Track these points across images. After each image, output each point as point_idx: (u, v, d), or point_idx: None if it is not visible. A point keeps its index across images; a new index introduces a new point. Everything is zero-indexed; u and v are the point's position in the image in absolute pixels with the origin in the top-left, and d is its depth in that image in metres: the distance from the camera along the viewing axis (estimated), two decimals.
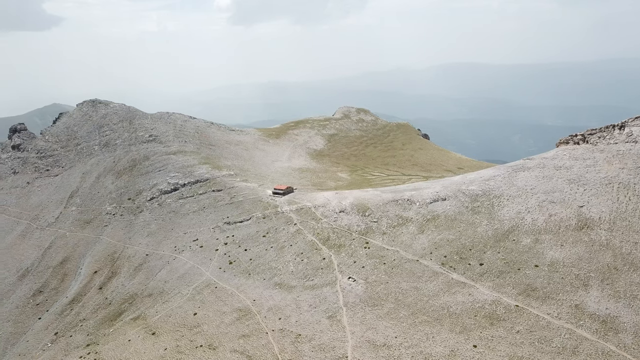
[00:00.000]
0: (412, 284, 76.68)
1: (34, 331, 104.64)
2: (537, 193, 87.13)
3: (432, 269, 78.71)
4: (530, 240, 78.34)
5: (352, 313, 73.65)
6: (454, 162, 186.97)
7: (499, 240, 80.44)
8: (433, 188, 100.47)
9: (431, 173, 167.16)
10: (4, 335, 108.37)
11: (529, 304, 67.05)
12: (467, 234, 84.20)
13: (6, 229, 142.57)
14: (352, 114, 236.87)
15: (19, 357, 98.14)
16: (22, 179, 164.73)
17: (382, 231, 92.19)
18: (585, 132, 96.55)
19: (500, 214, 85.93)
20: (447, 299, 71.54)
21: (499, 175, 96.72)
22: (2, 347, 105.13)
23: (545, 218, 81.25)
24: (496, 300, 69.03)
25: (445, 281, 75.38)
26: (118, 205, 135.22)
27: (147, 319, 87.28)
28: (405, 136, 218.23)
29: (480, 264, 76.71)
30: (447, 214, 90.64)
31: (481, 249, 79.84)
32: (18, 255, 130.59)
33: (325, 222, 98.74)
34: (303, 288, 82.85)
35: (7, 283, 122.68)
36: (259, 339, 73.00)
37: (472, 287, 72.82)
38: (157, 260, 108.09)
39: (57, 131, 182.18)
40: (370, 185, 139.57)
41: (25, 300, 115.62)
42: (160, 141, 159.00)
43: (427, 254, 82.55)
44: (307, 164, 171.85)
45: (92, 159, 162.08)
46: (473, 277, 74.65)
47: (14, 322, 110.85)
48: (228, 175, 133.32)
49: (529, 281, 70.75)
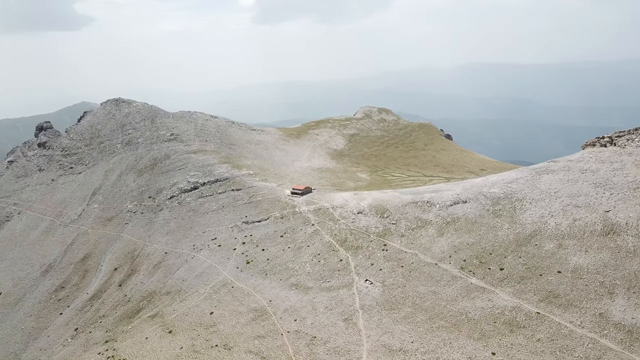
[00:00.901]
0: (430, 288, 75.25)
1: (55, 326, 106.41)
2: (561, 197, 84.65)
3: (451, 273, 77.11)
4: (554, 245, 76.06)
5: (368, 316, 72.69)
6: (476, 164, 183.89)
7: (520, 245, 78.33)
8: (453, 190, 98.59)
9: (453, 174, 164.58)
10: (26, 329, 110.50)
11: (551, 311, 65.04)
12: (488, 237, 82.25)
13: (31, 225, 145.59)
14: (374, 113, 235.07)
15: (40, 352, 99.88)
16: (47, 176, 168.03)
17: (401, 233, 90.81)
18: (613, 134, 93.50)
19: (523, 217, 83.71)
20: (465, 304, 69.96)
21: (521, 177, 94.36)
22: (25, 341, 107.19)
23: (570, 223, 78.81)
24: (516, 306, 67.17)
25: (464, 286, 73.75)
26: (139, 203, 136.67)
27: (164, 317, 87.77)
28: (427, 136, 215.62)
29: (500, 268, 74.80)
30: (468, 217, 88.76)
31: (502, 253, 77.86)
32: (42, 251, 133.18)
33: (343, 223, 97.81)
34: (319, 289, 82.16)
35: (31, 278, 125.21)
36: (274, 340, 72.65)
37: (491, 292, 71.04)
38: (175, 259, 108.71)
39: (82, 129, 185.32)
40: (390, 187, 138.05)
41: (48, 295, 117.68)
42: (181, 140, 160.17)
43: (446, 257, 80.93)
44: (327, 164, 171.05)
45: (115, 157, 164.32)
46: (493, 282, 72.82)
47: (36, 317, 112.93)
48: (247, 174, 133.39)
49: (551, 288, 68.65)
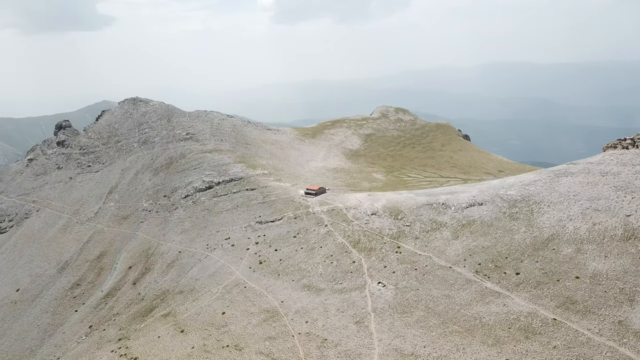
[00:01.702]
0: (444, 291, 73.89)
1: (70, 323, 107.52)
2: (580, 200, 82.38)
3: (466, 276, 75.61)
4: (572, 250, 73.98)
5: (380, 319, 71.72)
6: (494, 165, 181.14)
7: (537, 249, 76.39)
8: (469, 192, 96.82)
9: (470, 175, 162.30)
10: (42, 325, 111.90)
11: (568, 318, 63.17)
12: (504, 241, 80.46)
13: (49, 222, 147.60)
14: (391, 113, 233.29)
15: (55, 348, 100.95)
16: (66, 174, 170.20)
17: (415, 236, 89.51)
18: (635, 136, 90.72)
19: (540, 221, 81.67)
20: (480, 309, 68.47)
21: (539, 180, 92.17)
22: (40, 337, 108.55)
23: (589, 227, 76.59)
24: (532, 312, 65.44)
25: (478, 290, 72.21)
26: (154, 202, 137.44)
27: (177, 316, 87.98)
28: (444, 137, 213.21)
29: (516, 273, 73.05)
30: (484, 220, 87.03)
31: (518, 257, 76.05)
32: (59, 248, 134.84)
33: (357, 225, 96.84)
34: (331, 291, 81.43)
35: (48, 275, 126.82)
36: (285, 341, 72.17)
37: (507, 297, 69.39)
38: (189, 258, 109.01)
39: (99, 128, 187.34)
40: (406, 187, 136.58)
41: (64, 292, 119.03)
42: (196, 139, 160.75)
43: (460, 260, 79.44)
44: (342, 164, 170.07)
45: (131, 156, 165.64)
46: (508, 287, 71.13)
47: (52, 314, 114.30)
48: (262, 174, 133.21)
49: (569, 293, 66.71)
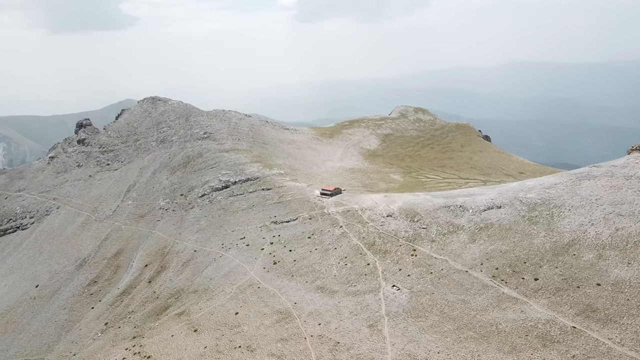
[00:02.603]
0: (460, 296, 72.37)
1: (86, 320, 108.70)
2: (603, 204, 79.85)
3: (482, 281, 73.91)
4: (593, 255, 71.69)
5: (394, 323, 70.62)
6: (515, 166, 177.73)
7: (557, 254, 74.25)
8: (488, 195, 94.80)
9: (490, 177, 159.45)
10: (59, 321, 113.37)
11: (588, 326, 61.16)
12: (523, 245, 78.44)
13: (68, 220, 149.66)
14: (410, 113, 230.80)
15: (72, 345, 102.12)
16: (85, 172, 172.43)
17: (431, 238, 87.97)
18: None
19: (560, 225, 79.40)
20: (496, 315, 66.82)
21: (560, 183, 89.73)
22: (58, 334, 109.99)
23: (611, 232, 74.16)
24: (551, 319, 63.55)
25: (495, 295, 70.50)
26: (171, 201, 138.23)
27: (190, 315, 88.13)
28: (464, 137, 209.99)
29: (535, 278, 71.10)
30: (502, 223, 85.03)
31: (537, 262, 74.01)
32: (77, 245, 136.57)
33: (372, 226, 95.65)
34: (345, 294, 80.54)
35: (66, 272, 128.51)
36: (297, 343, 71.64)
37: (524, 303, 67.57)
38: (204, 257, 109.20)
39: (119, 127, 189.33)
40: (424, 189, 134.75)
41: (81, 289, 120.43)
42: (214, 138, 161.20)
43: (477, 265, 77.70)
44: (359, 164, 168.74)
45: (149, 154, 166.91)
46: (526, 293, 69.28)
47: (69, 310, 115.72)
48: (278, 174, 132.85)
49: (589, 301, 64.61)
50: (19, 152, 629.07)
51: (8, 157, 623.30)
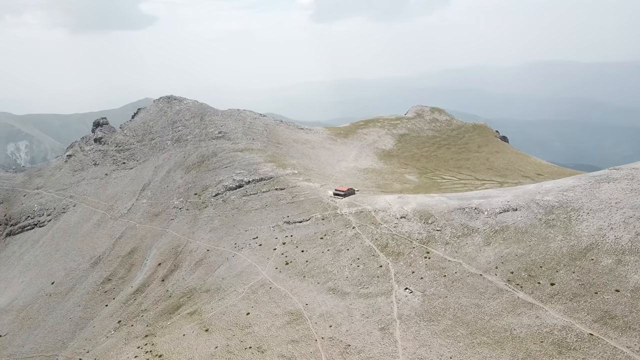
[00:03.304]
0: (473, 300, 70.93)
1: (100, 317, 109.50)
2: (622, 208, 77.62)
3: (497, 285, 72.38)
4: (612, 260, 69.65)
5: (405, 327, 69.50)
6: (532, 168, 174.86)
7: (574, 259, 72.35)
8: (504, 197, 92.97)
9: (507, 178, 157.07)
10: (74, 318, 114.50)
11: (606, 333, 59.35)
12: (539, 249, 76.63)
13: (84, 218, 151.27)
14: (426, 113, 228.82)
15: (86, 342, 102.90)
16: (101, 170, 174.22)
17: (445, 241, 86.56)
18: None
19: (578, 229, 77.40)
20: (510, 320, 65.29)
21: (579, 185, 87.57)
22: (72, 330, 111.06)
23: (631, 237, 71.97)
24: (567, 326, 61.85)
25: (510, 300, 68.92)
26: (185, 200, 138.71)
27: (202, 314, 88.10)
28: (481, 138, 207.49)
29: (551, 283, 69.36)
30: (518, 226, 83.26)
31: (553, 267, 72.21)
32: (92, 243, 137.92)
33: (385, 228, 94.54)
34: (357, 296, 79.64)
35: (81, 269, 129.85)
36: (307, 345, 71.00)
37: (540, 309, 65.92)
38: (217, 256, 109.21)
39: (135, 126, 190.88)
40: (439, 190, 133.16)
41: (96, 287, 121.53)
42: (228, 138, 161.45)
43: (492, 268, 76.15)
44: (374, 164, 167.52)
45: (164, 153, 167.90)
46: (542, 298, 67.59)
47: (84, 307, 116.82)
48: (292, 174, 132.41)
49: (608, 307, 62.71)
50: (40, 150, 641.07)
51: (30, 154, 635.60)
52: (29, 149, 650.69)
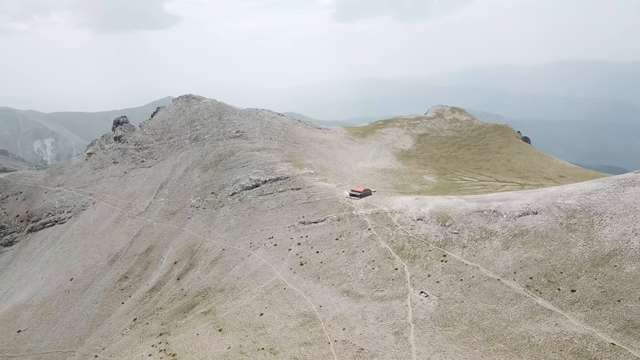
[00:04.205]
0: (491, 305, 69.13)
1: (116, 315, 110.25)
2: None
3: (515, 291, 70.40)
4: (636, 267, 67.07)
5: (420, 331, 68.06)
6: (555, 170, 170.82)
7: (596, 265, 69.93)
8: (524, 200, 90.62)
9: (528, 180, 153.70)
10: (91, 315, 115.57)
11: (629, 343, 57.11)
12: (559, 254, 74.33)
13: (103, 215, 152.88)
14: (446, 113, 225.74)
15: (102, 339, 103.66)
16: (121, 168, 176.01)
17: (463, 244, 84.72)
18: None
19: (601, 234, 74.85)
20: (529, 327, 63.38)
21: (602, 189, 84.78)
22: (89, 327, 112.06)
23: None
24: (588, 334, 59.72)
25: (528, 306, 66.95)
26: (202, 199, 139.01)
27: (216, 314, 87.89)
28: (502, 138, 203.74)
29: (572, 290, 67.14)
30: (538, 230, 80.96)
31: (574, 273, 69.93)
32: (110, 240, 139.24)
33: (401, 230, 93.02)
34: (371, 298, 78.44)
35: (99, 267, 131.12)
36: (320, 348, 70.09)
37: (560, 316, 63.85)
38: (232, 256, 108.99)
39: (154, 124, 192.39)
40: (458, 191, 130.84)
41: (113, 284, 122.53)
42: (246, 137, 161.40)
43: (510, 273, 74.15)
44: (392, 164, 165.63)
45: (182, 152, 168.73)
46: (562, 305, 65.46)
47: (100, 304, 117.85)
48: (308, 174, 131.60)
49: (631, 316, 60.37)
50: (65, 147, 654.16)
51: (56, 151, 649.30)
52: (55, 147, 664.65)
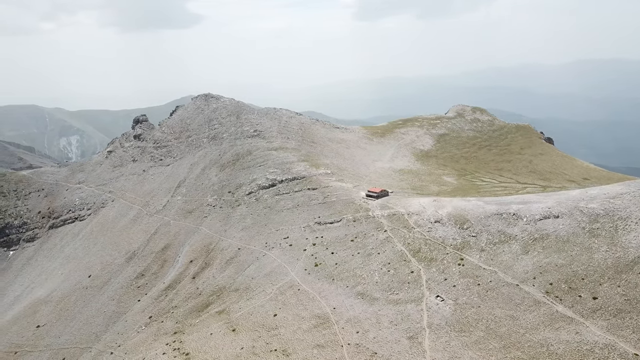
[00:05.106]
0: (508, 311, 67.24)
1: (132, 312, 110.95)
2: None
3: (534, 297, 68.35)
4: None
5: (435, 336, 66.59)
6: (579, 172, 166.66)
7: (620, 272, 67.42)
8: (545, 203, 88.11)
9: (550, 182, 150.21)
10: (108, 312, 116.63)
11: None
12: (581, 260, 71.93)
13: (122, 213, 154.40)
14: (467, 113, 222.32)
15: (117, 336, 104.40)
16: (140, 166, 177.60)
17: (481, 248, 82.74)
18: None
19: (625, 239, 72.20)
20: (547, 335, 61.40)
21: (627, 193, 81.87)
22: (106, 324, 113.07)
23: None
24: (610, 344, 57.55)
25: (548, 313, 64.89)
26: (218, 198, 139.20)
27: (230, 314, 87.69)
28: (524, 139, 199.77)
29: (593, 297, 64.86)
30: (559, 235, 78.56)
31: (597, 279, 67.55)
32: (128, 238, 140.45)
33: (418, 232, 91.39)
34: (386, 302, 77.15)
35: (117, 264, 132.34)
36: (333, 351, 69.18)
37: (580, 324, 61.69)
38: (247, 255, 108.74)
39: (173, 123, 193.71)
40: (478, 193, 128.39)
41: (129, 281, 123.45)
42: (263, 137, 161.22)
43: (529, 278, 72.04)
44: (411, 165, 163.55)
45: (200, 151, 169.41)
46: (583, 313, 63.26)
47: (117, 302, 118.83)
48: (325, 174, 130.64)
49: None
50: (90, 145, 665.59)
51: (81, 148, 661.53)
52: (80, 144, 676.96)
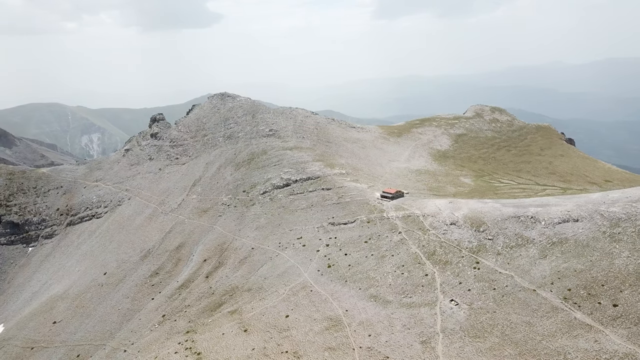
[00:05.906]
0: (524, 317, 65.48)
1: (146, 310, 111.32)
2: None
3: (552, 303, 66.43)
4: None
5: (449, 341, 65.20)
6: (601, 174, 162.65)
7: None
8: (564, 206, 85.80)
9: (571, 184, 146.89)
10: (122, 310, 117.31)
11: None
12: (601, 265, 69.71)
13: (138, 211, 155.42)
14: (486, 113, 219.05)
15: (131, 333, 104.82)
16: (156, 165, 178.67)
17: (497, 251, 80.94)
18: None
19: None
20: (565, 343, 59.53)
21: None
22: (120, 321, 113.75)
23: None
24: (630, 353, 55.52)
25: (565, 320, 62.96)
26: (233, 197, 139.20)
27: (242, 314, 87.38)
28: (544, 140, 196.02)
29: (613, 305, 62.71)
30: (578, 239, 76.34)
31: (617, 286, 65.33)
32: (143, 236, 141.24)
33: (433, 234, 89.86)
34: (399, 305, 75.94)
35: (132, 262, 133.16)
36: (344, 354, 68.29)
37: (599, 332, 59.68)
38: (261, 255, 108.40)
39: (189, 122, 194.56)
40: (495, 194, 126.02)
41: (144, 279, 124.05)
42: (279, 136, 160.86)
43: (547, 284, 70.09)
44: (427, 165, 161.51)
45: (216, 150, 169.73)
46: (602, 320, 61.20)
47: (132, 299, 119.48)
48: (339, 174, 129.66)
49: None
50: (111, 142, 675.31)
51: (102, 146, 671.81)
52: (101, 141, 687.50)
